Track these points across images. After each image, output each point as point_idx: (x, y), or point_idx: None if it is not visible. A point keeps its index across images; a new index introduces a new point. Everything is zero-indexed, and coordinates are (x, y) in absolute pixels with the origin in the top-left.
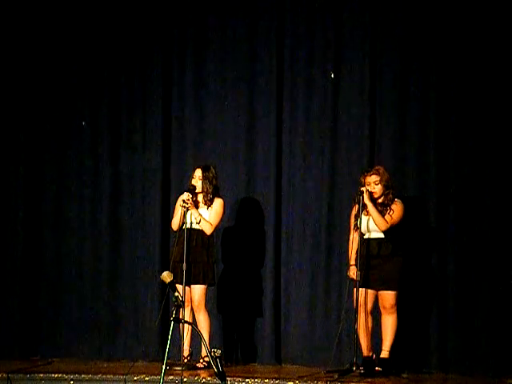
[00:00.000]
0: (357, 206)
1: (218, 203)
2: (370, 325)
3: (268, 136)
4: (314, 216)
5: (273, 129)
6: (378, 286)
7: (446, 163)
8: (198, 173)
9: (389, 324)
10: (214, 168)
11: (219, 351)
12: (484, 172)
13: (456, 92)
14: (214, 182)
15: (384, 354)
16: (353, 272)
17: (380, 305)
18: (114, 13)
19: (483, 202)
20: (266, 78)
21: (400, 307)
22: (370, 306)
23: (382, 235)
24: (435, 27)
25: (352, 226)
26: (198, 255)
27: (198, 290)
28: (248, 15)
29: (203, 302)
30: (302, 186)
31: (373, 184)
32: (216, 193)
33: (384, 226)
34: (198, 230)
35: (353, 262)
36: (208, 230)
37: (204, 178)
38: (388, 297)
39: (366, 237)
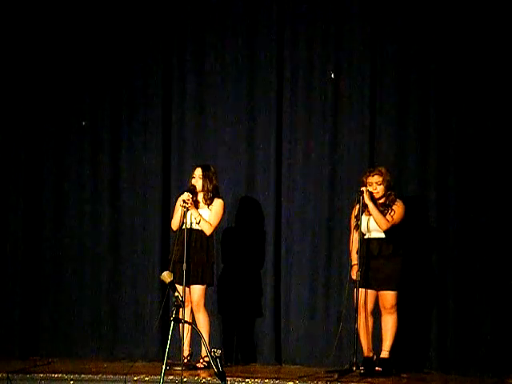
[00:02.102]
0: (358, 205)
1: (217, 204)
2: (370, 325)
3: (268, 136)
4: (314, 216)
5: (273, 129)
6: (379, 286)
7: (446, 163)
8: (198, 172)
9: (389, 324)
10: (213, 167)
11: (219, 351)
12: (484, 171)
13: (456, 91)
14: (213, 181)
15: (384, 354)
16: (354, 272)
17: (380, 305)
18: (114, 13)
19: (483, 202)
20: (266, 78)
21: (400, 307)
22: (370, 306)
23: (382, 235)
24: (436, 27)
25: (353, 226)
26: (197, 255)
27: (196, 290)
28: (248, 15)
29: (202, 302)
30: (302, 186)
31: (375, 184)
32: (216, 192)
33: (385, 226)
34: (198, 231)
35: (355, 261)
36: (208, 231)
37: (204, 177)
38: (388, 297)
39: (366, 237)
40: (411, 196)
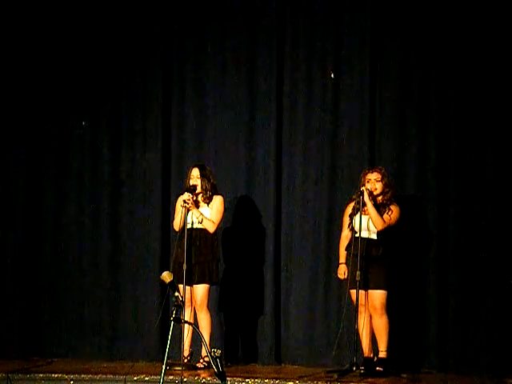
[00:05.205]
0: (352, 204)
1: (217, 200)
2: (371, 325)
3: (268, 136)
4: (313, 216)
5: (273, 129)
6: (368, 285)
7: (446, 163)
8: (196, 172)
9: (381, 325)
10: (208, 166)
11: (219, 351)
12: (484, 172)
13: (456, 92)
14: (211, 180)
15: (382, 354)
16: (343, 271)
17: (370, 305)
18: (114, 12)
19: (483, 202)
20: (266, 77)
21: (399, 307)
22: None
23: (375, 236)
24: (436, 27)
25: (346, 224)
26: (202, 255)
27: (201, 290)
28: (248, 15)
29: (206, 302)
30: (302, 186)
31: (374, 180)
32: (215, 190)
33: (381, 225)
34: (201, 230)
35: (342, 260)
36: (211, 228)
37: (202, 176)
38: (377, 296)
39: (360, 236)
40: (411, 196)
